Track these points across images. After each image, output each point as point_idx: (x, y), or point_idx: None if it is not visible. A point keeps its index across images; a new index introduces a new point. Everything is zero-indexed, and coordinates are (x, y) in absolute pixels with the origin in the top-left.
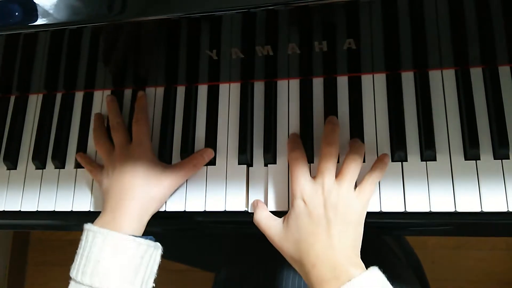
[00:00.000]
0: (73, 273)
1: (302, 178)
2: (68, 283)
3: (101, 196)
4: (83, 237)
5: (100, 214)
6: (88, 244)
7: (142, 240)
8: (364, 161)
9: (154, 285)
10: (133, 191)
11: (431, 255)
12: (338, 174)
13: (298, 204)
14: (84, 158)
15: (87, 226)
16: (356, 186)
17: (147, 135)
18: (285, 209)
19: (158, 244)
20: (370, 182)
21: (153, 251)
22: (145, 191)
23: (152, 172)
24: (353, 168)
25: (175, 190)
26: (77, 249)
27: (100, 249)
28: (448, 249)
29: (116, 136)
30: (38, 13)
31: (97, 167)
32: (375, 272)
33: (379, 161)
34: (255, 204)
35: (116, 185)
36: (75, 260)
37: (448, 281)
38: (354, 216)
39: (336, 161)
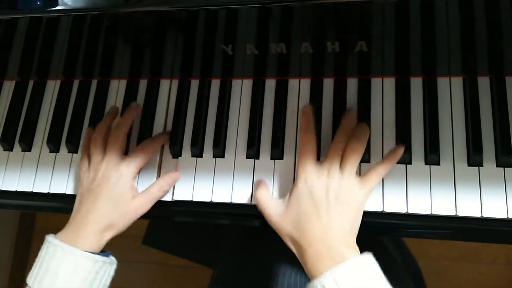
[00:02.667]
0: (30, 280)
1: (309, 161)
2: None
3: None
4: (44, 248)
5: (65, 227)
6: (48, 256)
7: (99, 257)
8: (369, 162)
9: None
10: (100, 215)
11: (432, 266)
12: (341, 162)
13: (301, 185)
14: (87, 141)
15: (49, 239)
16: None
17: (142, 163)
18: None
19: (114, 259)
20: (377, 173)
21: (108, 267)
22: (111, 217)
23: (122, 203)
24: (354, 155)
25: (183, 180)
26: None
27: (59, 263)
28: (449, 260)
29: (110, 146)
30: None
31: (86, 160)
32: (369, 258)
33: (391, 153)
34: (258, 182)
35: (86, 201)
36: (33, 268)
37: None
38: (355, 203)
39: (342, 151)
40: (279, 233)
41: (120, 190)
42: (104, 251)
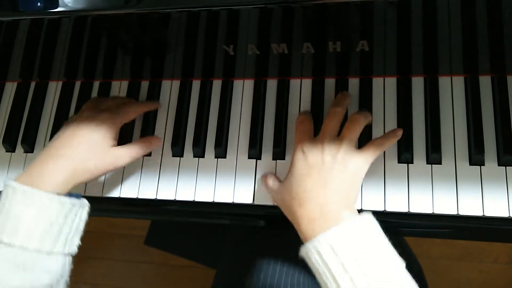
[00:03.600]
0: None
1: (305, 135)
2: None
3: (110, 179)
4: (3, 193)
5: (29, 166)
6: (7, 200)
7: (66, 199)
8: None
9: (80, 244)
10: (72, 153)
11: (433, 265)
12: (340, 134)
13: (298, 156)
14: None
15: (8, 182)
16: None
17: (127, 118)
18: None
19: (85, 201)
20: (375, 144)
21: (78, 209)
22: (84, 159)
23: (99, 147)
24: (354, 128)
25: (185, 180)
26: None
27: (21, 207)
28: (451, 260)
29: (108, 101)
30: (59, 1)
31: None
32: (367, 217)
33: (391, 132)
34: (265, 174)
35: (64, 135)
36: None
37: None
38: (352, 165)
39: (340, 122)
40: (282, 208)
41: (101, 135)
42: (72, 194)
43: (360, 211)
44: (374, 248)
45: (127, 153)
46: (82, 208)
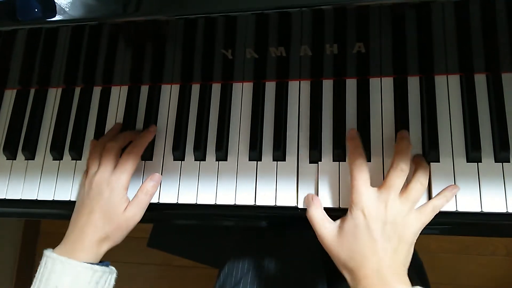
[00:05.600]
0: None
1: (364, 187)
2: None
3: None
4: (42, 263)
5: (62, 241)
6: (47, 271)
7: (98, 267)
8: (369, 161)
9: None
10: (95, 228)
11: (433, 259)
12: (403, 192)
13: (358, 215)
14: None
15: (47, 253)
16: None
17: (131, 170)
18: (293, 204)
19: (113, 269)
20: (433, 207)
21: (108, 276)
22: (105, 230)
23: (115, 216)
24: (419, 190)
25: (186, 184)
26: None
27: (59, 276)
28: (450, 253)
29: (105, 156)
30: (56, 10)
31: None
32: None
33: (444, 191)
34: (310, 199)
35: (83, 214)
36: (33, 283)
37: (448, 285)
38: (411, 237)
39: (404, 179)
40: (332, 257)
41: (112, 204)
42: (102, 261)
43: None
44: None
45: (138, 210)
46: (111, 275)
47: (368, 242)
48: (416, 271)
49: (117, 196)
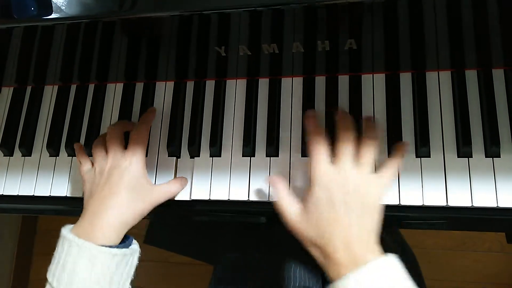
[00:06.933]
0: (49, 276)
1: (321, 162)
2: None
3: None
4: (59, 244)
5: (80, 218)
6: (64, 253)
7: (117, 251)
8: None
9: (131, 287)
10: (116, 202)
11: (428, 255)
12: (357, 158)
13: (318, 190)
14: (79, 148)
15: (64, 233)
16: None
17: (143, 149)
18: None
19: (135, 247)
20: (391, 167)
21: (129, 258)
22: (127, 205)
23: (139, 188)
24: (371, 151)
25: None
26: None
27: (75, 259)
28: (445, 249)
29: (111, 143)
30: (52, 8)
31: (87, 162)
32: (391, 259)
33: (400, 147)
34: (274, 181)
35: (100, 191)
36: (51, 263)
37: (444, 281)
38: (374, 201)
39: (353, 144)
40: (297, 236)
41: (135, 175)
42: (125, 239)
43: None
44: (397, 286)
45: (167, 191)
46: (132, 256)
47: (332, 214)
48: (410, 266)
49: (139, 169)
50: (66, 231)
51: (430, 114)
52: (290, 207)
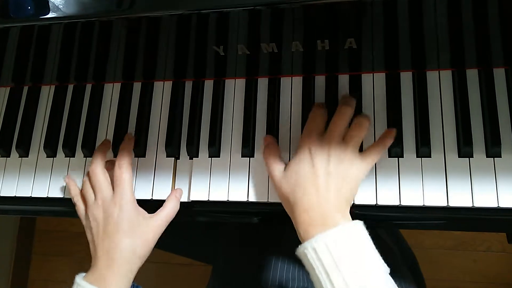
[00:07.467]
0: None
1: (314, 132)
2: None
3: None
4: None
5: (91, 268)
6: None
7: None
8: None
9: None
10: (120, 254)
11: (428, 255)
12: (345, 136)
13: (304, 152)
14: (72, 185)
15: (78, 280)
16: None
17: (129, 184)
18: None
19: None
20: (376, 149)
21: None
22: (131, 251)
23: (137, 227)
24: (360, 133)
25: (179, 180)
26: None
27: None
28: (445, 249)
29: (96, 188)
30: (49, 7)
31: (80, 204)
32: (359, 224)
33: (386, 133)
34: (268, 140)
35: (102, 244)
36: None
37: (444, 281)
38: (354, 176)
39: (348, 122)
40: (278, 193)
41: (129, 218)
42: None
43: (352, 206)
44: (362, 251)
45: (166, 215)
46: None
47: (310, 176)
48: (410, 267)
49: (130, 211)
50: (80, 279)
51: (431, 113)
52: (276, 164)
